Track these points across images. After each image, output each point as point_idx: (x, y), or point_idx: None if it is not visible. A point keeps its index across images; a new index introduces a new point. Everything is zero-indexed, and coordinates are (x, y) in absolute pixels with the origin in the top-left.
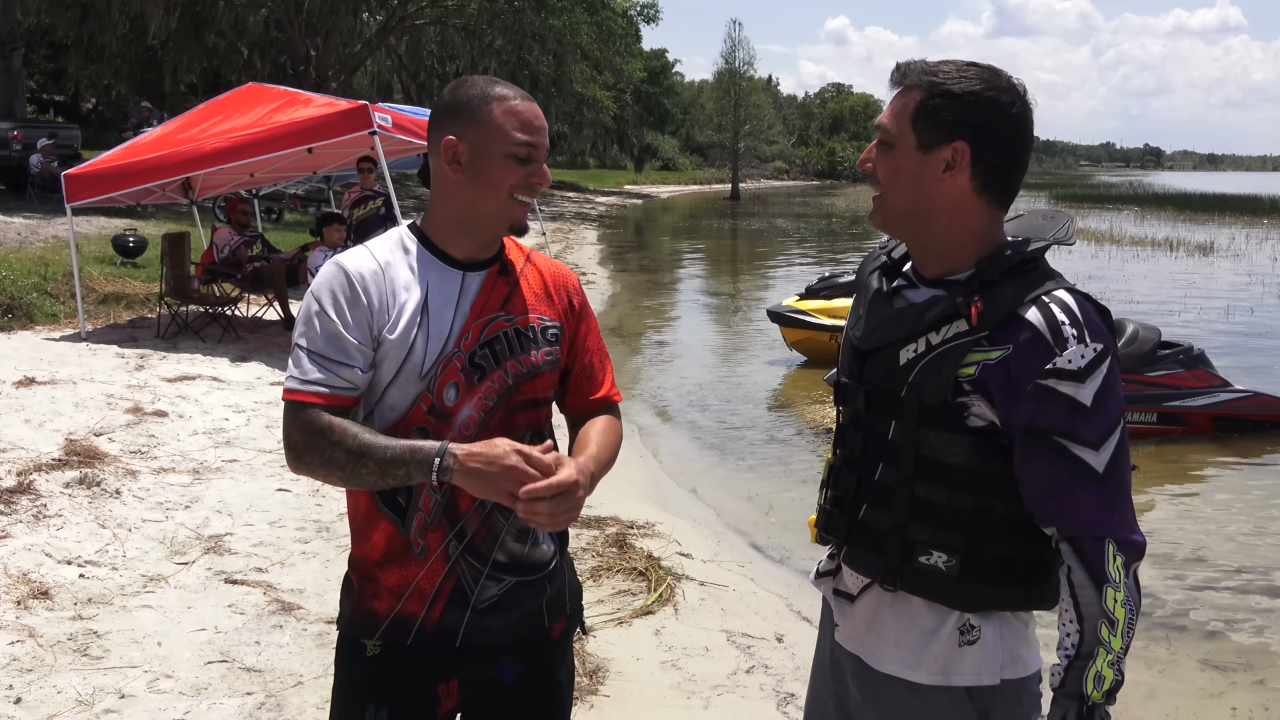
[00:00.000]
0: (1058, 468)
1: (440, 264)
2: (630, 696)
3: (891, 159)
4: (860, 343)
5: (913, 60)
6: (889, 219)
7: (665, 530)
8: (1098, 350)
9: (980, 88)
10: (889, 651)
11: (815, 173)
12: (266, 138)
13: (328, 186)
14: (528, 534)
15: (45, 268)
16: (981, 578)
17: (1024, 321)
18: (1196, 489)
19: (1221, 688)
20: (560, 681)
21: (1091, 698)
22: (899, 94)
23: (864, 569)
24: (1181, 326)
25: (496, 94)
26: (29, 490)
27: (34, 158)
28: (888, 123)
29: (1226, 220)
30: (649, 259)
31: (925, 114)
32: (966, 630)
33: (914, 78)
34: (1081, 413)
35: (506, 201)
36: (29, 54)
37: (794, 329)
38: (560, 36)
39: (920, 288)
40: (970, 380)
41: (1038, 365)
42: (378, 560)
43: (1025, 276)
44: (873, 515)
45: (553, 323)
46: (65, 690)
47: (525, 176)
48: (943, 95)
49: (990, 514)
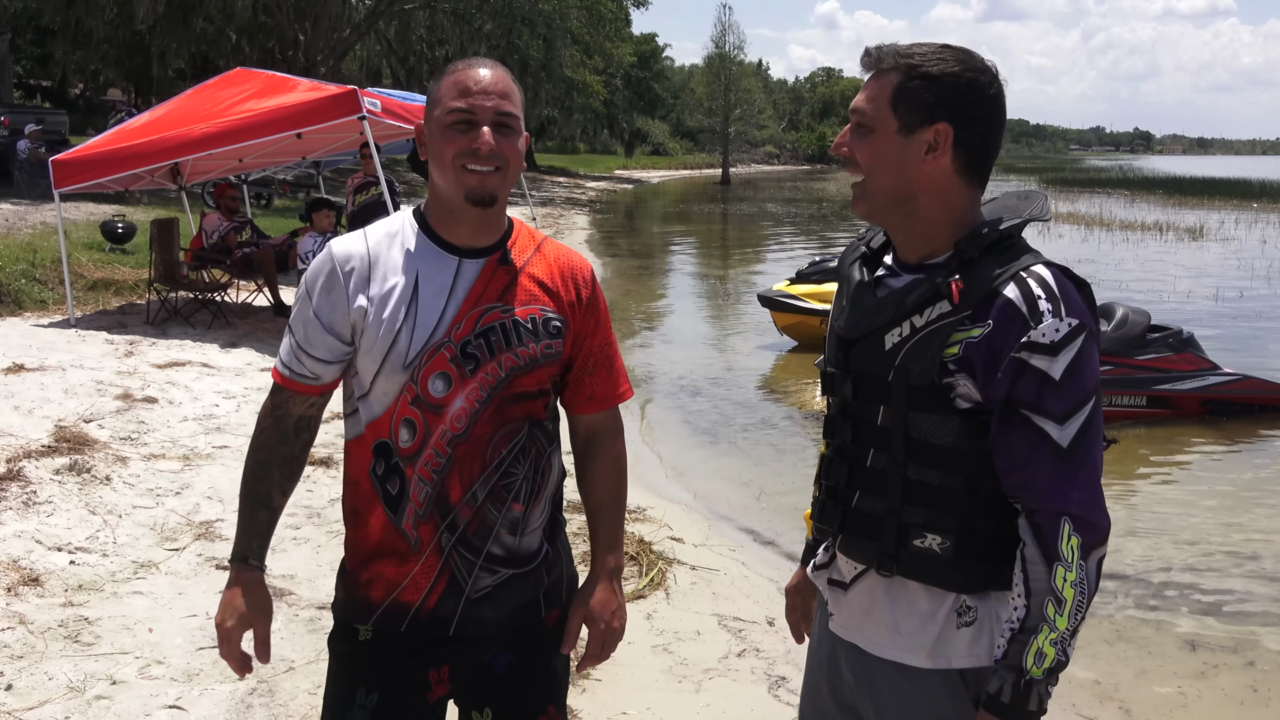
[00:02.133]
0: (1022, 440)
1: (437, 250)
2: (622, 680)
3: (872, 143)
4: (845, 332)
5: (883, 44)
6: (873, 206)
7: (656, 515)
8: (1072, 325)
9: (959, 69)
10: (887, 637)
11: (805, 157)
12: (255, 123)
13: (317, 172)
14: (521, 526)
15: (33, 254)
16: (976, 557)
17: (1002, 297)
18: (1185, 472)
19: (1210, 668)
20: (555, 669)
21: (1030, 673)
22: (873, 77)
23: (860, 556)
24: (1171, 310)
25: (449, 69)
26: (18, 477)
27: (21, 143)
28: (865, 106)
29: (1216, 204)
30: (639, 244)
31: (905, 96)
32: (964, 612)
33: (889, 60)
34: (1050, 385)
35: (455, 173)
36: (16, 39)
37: (785, 313)
38: (550, 21)
39: (902, 275)
40: (955, 360)
41: (1013, 339)
42: (374, 546)
43: (1003, 254)
44: (866, 501)
45: (555, 315)
46: (56, 677)
47: (466, 144)
48: (922, 77)
49: (980, 493)
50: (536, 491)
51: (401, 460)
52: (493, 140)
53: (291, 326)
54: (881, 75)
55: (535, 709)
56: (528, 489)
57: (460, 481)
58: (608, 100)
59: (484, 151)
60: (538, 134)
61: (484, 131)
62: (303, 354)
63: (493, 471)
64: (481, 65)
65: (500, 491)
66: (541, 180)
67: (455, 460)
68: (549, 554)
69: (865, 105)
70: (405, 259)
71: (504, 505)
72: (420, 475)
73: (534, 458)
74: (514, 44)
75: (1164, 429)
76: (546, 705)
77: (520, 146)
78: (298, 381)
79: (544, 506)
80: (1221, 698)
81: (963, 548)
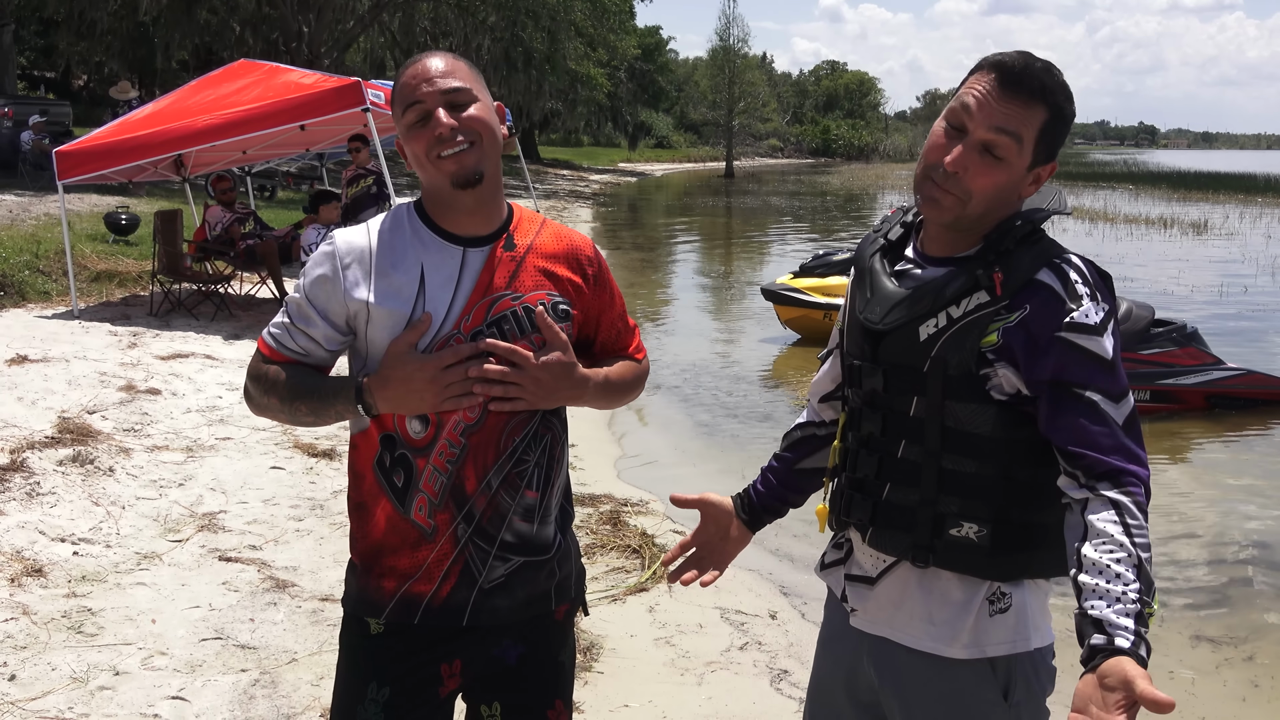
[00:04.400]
0: (1083, 417)
1: (440, 241)
2: (624, 673)
3: (999, 173)
4: (877, 323)
5: (1027, 59)
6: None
7: (659, 508)
8: (1106, 310)
9: (1072, 106)
10: (921, 628)
11: (810, 151)
12: (259, 114)
13: (320, 164)
14: (534, 513)
15: (37, 245)
16: (1012, 545)
17: (1039, 283)
18: (1188, 466)
19: (1214, 663)
20: (563, 663)
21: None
22: (1019, 103)
23: (892, 548)
24: (1175, 304)
25: (397, 77)
26: (22, 468)
27: (25, 135)
28: (1006, 140)
29: (1221, 198)
30: (643, 237)
31: (1049, 137)
32: (997, 599)
33: (1038, 90)
34: (1104, 366)
35: (433, 165)
36: (19, 30)
37: (788, 307)
38: (554, 13)
39: (928, 267)
40: (994, 349)
41: (1055, 320)
42: (382, 538)
43: (1035, 245)
44: (899, 493)
45: (562, 299)
46: (59, 667)
47: (430, 135)
48: (1062, 119)
49: (1015, 481)
50: (549, 478)
51: (412, 451)
52: (450, 119)
53: (287, 304)
54: (1030, 104)
55: (543, 703)
56: (540, 475)
57: (475, 471)
58: (612, 93)
59: (446, 134)
60: (542, 126)
61: (438, 115)
62: (295, 330)
63: (506, 459)
64: (420, 57)
65: (514, 479)
66: (545, 173)
67: (470, 450)
68: (562, 546)
69: (1006, 139)
70: (410, 252)
71: (518, 492)
72: (435, 466)
73: (547, 444)
74: (518, 36)
75: (1168, 423)
76: (554, 699)
77: (482, 113)
78: (284, 354)
79: (557, 494)
80: (1223, 693)
81: (999, 536)
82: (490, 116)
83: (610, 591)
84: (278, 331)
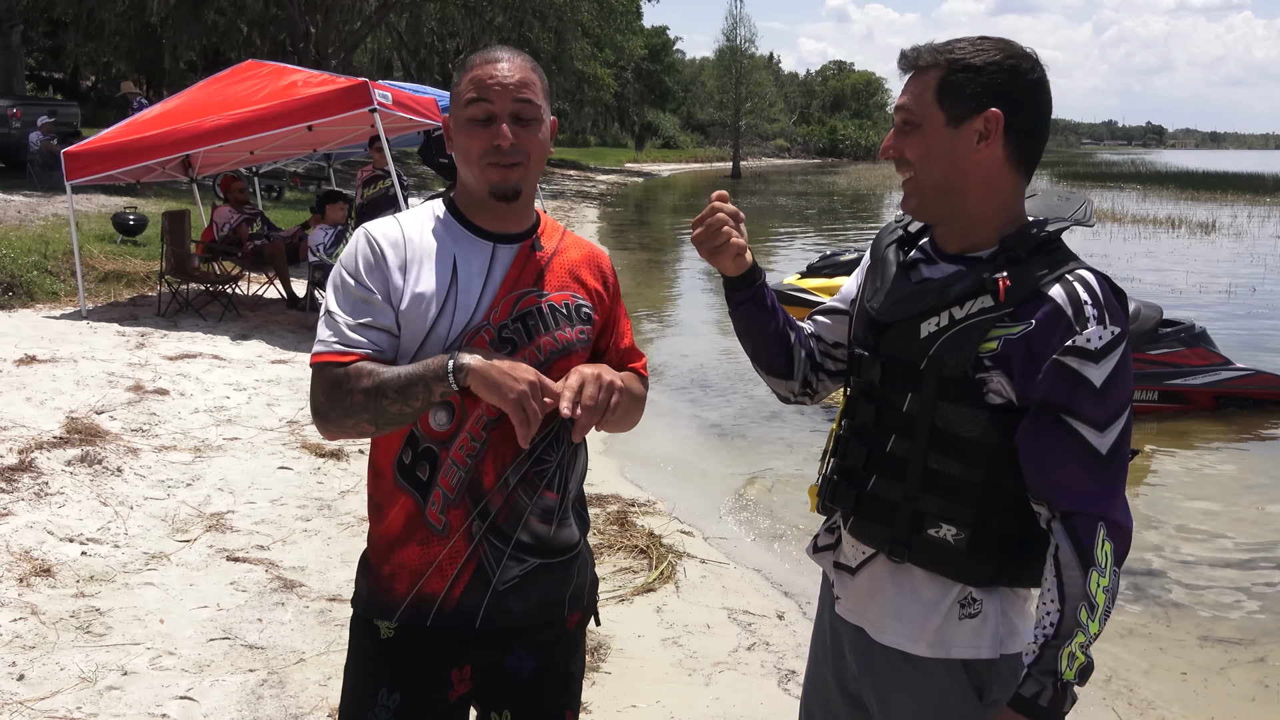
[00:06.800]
0: (1060, 444)
1: (471, 235)
2: (632, 673)
3: (920, 138)
4: (879, 315)
5: (918, 44)
6: (923, 200)
7: (666, 508)
8: (1114, 333)
9: (1000, 57)
10: (889, 623)
11: (817, 151)
12: (267, 115)
13: (328, 164)
14: (552, 514)
15: (45, 246)
16: (988, 551)
17: (1048, 298)
18: (1197, 467)
19: (1222, 664)
20: (573, 672)
21: (1064, 676)
22: (913, 77)
23: (870, 540)
24: (1183, 305)
25: (469, 63)
26: (30, 468)
27: (34, 135)
28: (910, 103)
29: (1229, 199)
30: (649, 237)
31: (950, 89)
32: (968, 603)
33: (928, 58)
34: (1092, 393)
35: (480, 169)
36: (28, 31)
37: (795, 307)
38: (561, 13)
39: (940, 263)
40: (991, 355)
41: (1057, 341)
42: (396, 537)
43: (1050, 255)
44: (883, 486)
45: (585, 302)
46: (68, 667)
47: (487, 140)
48: (964, 69)
49: (1000, 489)
50: (567, 480)
51: (434, 444)
52: (511, 135)
53: (333, 312)
54: (922, 73)
55: (553, 714)
56: (560, 477)
57: (494, 467)
58: (618, 93)
59: (504, 147)
60: None
61: (503, 129)
62: (359, 327)
63: (526, 457)
64: (499, 57)
65: (532, 478)
66: (552, 173)
67: (490, 445)
68: (581, 552)
69: (910, 102)
70: (441, 244)
71: (536, 492)
72: (454, 459)
73: (567, 445)
74: (525, 36)
75: (1176, 423)
76: (564, 710)
77: (541, 136)
78: (357, 351)
79: (574, 497)
80: (1232, 693)
81: (976, 541)
82: (546, 140)
83: (618, 592)
84: (335, 337)
